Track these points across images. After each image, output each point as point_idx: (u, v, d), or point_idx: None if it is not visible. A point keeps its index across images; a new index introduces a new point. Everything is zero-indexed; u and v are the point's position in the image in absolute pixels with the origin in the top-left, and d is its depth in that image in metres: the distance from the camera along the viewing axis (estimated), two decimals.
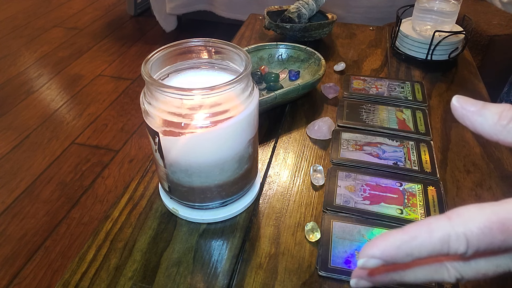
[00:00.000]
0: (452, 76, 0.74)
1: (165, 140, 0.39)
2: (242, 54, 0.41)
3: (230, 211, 0.45)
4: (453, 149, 0.56)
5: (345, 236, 0.43)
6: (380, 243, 0.22)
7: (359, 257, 0.23)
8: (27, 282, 1.09)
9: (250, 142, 0.42)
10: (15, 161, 1.50)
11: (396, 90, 0.67)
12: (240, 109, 0.38)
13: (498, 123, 0.24)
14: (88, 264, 0.41)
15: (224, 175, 0.42)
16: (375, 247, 0.22)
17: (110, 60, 2.17)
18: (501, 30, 1.25)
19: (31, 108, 1.80)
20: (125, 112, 1.77)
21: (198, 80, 0.44)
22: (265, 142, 0.58)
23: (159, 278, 0.40)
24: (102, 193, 1.37)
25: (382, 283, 0.26)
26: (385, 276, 0.25)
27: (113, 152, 1.55)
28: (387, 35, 0.88)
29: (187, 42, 0.42)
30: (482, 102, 0.25)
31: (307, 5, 0.82)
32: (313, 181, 0.50)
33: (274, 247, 0.43)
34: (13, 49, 2.28)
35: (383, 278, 0.26)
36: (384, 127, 0.59)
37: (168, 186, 0.44)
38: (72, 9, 2.79)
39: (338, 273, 0.39)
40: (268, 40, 0.86)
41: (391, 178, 0.50)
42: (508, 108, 0.24)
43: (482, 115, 0.25)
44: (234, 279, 0.40)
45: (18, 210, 1.30)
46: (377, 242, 0.22)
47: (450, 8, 0.75)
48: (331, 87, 0.67)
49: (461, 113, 0.26)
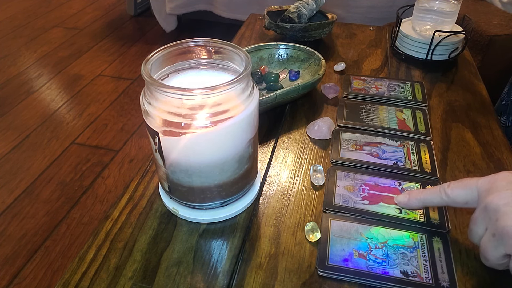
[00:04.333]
0: (452, 76, 0.74)
1: (165, 140, 0.39)
2: (242, 54, 0.41)
3: (230, 211, 0.45)
4: (453, 149, 0.56)
5: (343, 234, 0.43)
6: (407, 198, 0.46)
7: (396, 200, 0.47)
8: (27, 282, 1.09)
9: (250, 142, 0.42)
10: (15, 161, 1.50)
11: (396, 90, 0.67)
12: (240, 109, 0.38)
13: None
14: (88, 264, 0.41)
15: (224, 175, 0.42)
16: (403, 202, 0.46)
17: (110, 60, 2.16)
18: (501, 30, 1.25)
19: (31, 108, 1.80)
20: (125, 112, 1.77)
21: (198, 80, 0.44)
22: (265, 142, 0.58)
23: (159, 278, 0.40)
24: (102, 193, 1.37)
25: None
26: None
27: (113, 152, 1.55)
28: (387, 35, 0.88)
29: (187, 42, 0.42)
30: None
31: (307, 5, 0.82)
32: (313, 181, 0.50)
33: (274, 247, 0.43)
34: (13, 49, 2.28)
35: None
36: (384, 127, 0.59)
37: (168, 186, 0.44)
38: (72, 9, 2.79)
39: (336, 271, 0.39)
40: (268, 40, 0.86)
41: (390, 178, 0.50)
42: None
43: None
44: (234, 279, 0.40)
45: (18, 210, 1.30)
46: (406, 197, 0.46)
47: (450, 8, 0.75)
48: (331, 87, 0.67)
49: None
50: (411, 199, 0.45)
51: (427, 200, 0.43)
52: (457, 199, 0.40)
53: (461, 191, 0.40)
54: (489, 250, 0.36)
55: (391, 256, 0.41)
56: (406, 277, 0.39)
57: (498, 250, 0.35)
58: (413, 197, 0.44)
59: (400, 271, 0.40)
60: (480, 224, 0.37)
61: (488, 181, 0.38)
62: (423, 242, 0.42)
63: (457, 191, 0.40)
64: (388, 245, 0.42)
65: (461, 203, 0.40)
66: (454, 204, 0.41)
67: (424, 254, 0.41)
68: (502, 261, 0.36)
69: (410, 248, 0.42)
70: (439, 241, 0.43)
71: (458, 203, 0.40)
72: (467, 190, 0.39)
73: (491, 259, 0.37)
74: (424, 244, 0.42)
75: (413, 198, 0.44)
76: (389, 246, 0.42)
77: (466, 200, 0.40)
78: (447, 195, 0.41)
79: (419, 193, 0.44)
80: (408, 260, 0.41)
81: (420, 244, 0.42)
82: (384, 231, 0.44)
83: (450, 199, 0.40)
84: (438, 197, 0.41)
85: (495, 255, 0.36)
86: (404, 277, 0.39)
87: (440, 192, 0.41)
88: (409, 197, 0.45)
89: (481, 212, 0.37)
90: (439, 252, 0.41)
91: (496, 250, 0.36)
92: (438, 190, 0.41)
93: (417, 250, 0.42)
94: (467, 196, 0.39)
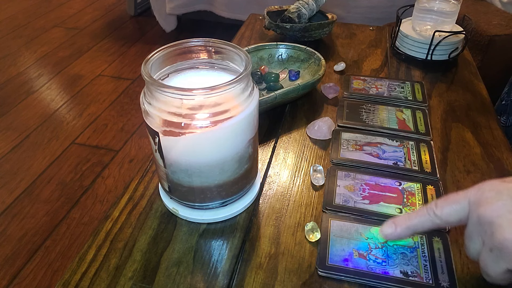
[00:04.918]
0: (452, 76, 0.74)
1: (165, 140, 0.39)
2: (242, 54, 0.41)
3: (230, 211, 0.45)
4: (453, 149, 0.56)
5: (343, 234, 0.43)
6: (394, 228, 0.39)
7: (380, 232, 0.40)
8: (27, 282, 1.09)
9: (250, 142, 0.42)
10: (15, 161, 1.50)
11: (396, 90, 0.67)
12: (240, 109, 0.38)
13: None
14: (88, 264, 0.41)
15: (224, 175, 0.42)
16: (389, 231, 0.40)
17: (110, 60, 2.16)
18: (501, 30, 1.25)
19: (31, 108, 1.80)
20: (125, 112, 1.77)
21: (198, 80, 0.44)
22: (265, 142, 0.58)
23: (159, 278, 0.40)
24: (102, 193, 1.37)
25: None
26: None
27: (113, 152, 1.55)
28: (387, 35, 0.88)
29: (187, 42, 0.42)
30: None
31: (307, 5, 0.82)
32: (313, 181, 0.50)
33: (274, 247, 0.43)
34: (13, 49, 2.28)
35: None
36: (384, 127, 0.59)
37: (168, 186, 0.44)
38: (72, 9, 2.79)
39: (336, 271, 0.39)
40: (268, 40, 0.86)
41: (390, 178, 0.50)
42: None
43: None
44: (234, 279, 0.40)
45: (18, 210, 1.30)
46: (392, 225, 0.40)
47: (450, 8, 0.75)
48: (331, 87, 0.67)
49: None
50: (398, 228, 0.39)
51: (417, 226, 0.38)
52: (449, 219, 0.37)
53: (451, 209, 0.37)
54: (490, 266, 0.35)
55: (391, 256, 0.41)
56: (406, 277, 0.39)
57: (499, 265, 0.34)
58: (400, 225, 0.39)
59: (400, 271, 0.40)
60: (476, 239, 0.36)
61: (475, 192, 0.36)
62: (423, 242, 0.43)
63: (447, 210, 0.37)
64: (388, 245, 0.42)
65: (454, 222, 0.37)
66: (447, 224, 0.38)
67: (424, 254, 0.41)
68: (504, 275, 0.34)
69: (410, 248, 0.42)
70: (439, 241, 0.43)
71: (452, 223, 0.37)
72: (458, 206, 0.36)
73: (493, 275, 0.35)
74: (424, 244, 0.42)
75: (400, 227, 0.39)
76: (389, 246, 0.42)
77: (459, 218, 0.36)
78: (437, 216, 0.37)
79: (406, 220, 0.39)
80: (408, 260, 0.41)
81: (420, 244, 0.42)
82: None
83: (442, 221, 0.37)
84: (428, 220, 0.37)
85: (496, 270, 0.34)
86: (404, 277, 0.39)
87: (429, 214, 0.37)
88: (396, 226, 0.39)
89: (475, 226, 0.35)
90: (439, 252, 0.41)
91: (497, 265, 0.34)
92: (426, 213, 0.37)
93: (417, 250, 0.42)
94: (460, 214, 0.36)
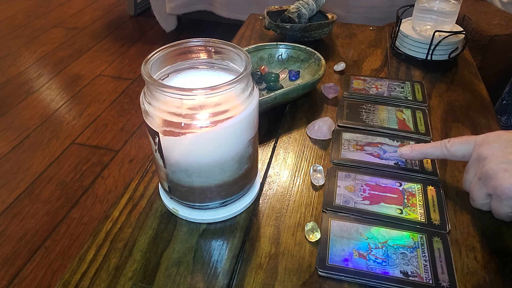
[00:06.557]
0: (452, 76, 0.74)
1: (165, 140, 0.39)
2: (242, 54, 0.41)
3: (230, 211, 0.45)
4: None
5: (343, 234, 0.43)
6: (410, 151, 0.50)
7: (399, 151, 0.51)
8: (27, 282, 1.09)
9: (250, 142, 0.42)
10: (15, 161, 1.50)
11: (396, 90, 0.67)
12: (240, 109, 0.38)
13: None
14: (88, 264, 0.41)
15: (224, 175, 0.42)
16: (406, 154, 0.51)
17: (110, 60, 2.17)
18: (501, 30, 1.25)
19: (31, 108, 1.80)
20: (125, 112, 1.77)
21: (198, 80, 0.44)
22: (265, 142, 0.58)
23: (159, 278, 0.40)
24: (102, 193, 1.37)
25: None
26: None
27: (113, 152, 1.55)
28: (387, 35, 0.88)
29: (187, 42, 0.42)
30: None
31: (307, 5, 0.82)
32: (313, 181, 0.50)
33: (274, 247, 0.43)
34: (13, 49, 2.28)
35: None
36: (384, 127, 0.59)
37: (168, 186, 0.44)
38: (72, 9, 2.79)
39: (336, 271, 0.39)
40: (268, 40, 0.86)
41: (391, 178, 0.50)
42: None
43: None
44: (234, 279, 0.40)
45: (18, 210, 1.30)
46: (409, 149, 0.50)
47: (450, 8, 0.75)
48: (331, 87, 0.67)
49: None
50: (413, 151, 0.49)
51: (429, 153, 0.48)
52: (456, 153, 0.45)
53: (460, 146, 0.45)
54: (475, 192, 0.43)
55: (391, 256, 0.41)
56: (406, 277, 0.39)
57: (482, 190, 0.42)
58: (415, 150, 0.49)
59: (400, 271, 0.40)
60: (471, 172, 0.44)
61: (482, 137, 0.44)
62: (423, 242, 0.42)
63: (456, 146, 0.45)
64: (388, 245, 0.42)
65: (459, 156, 0.45)
66: (453, 157, 0.46)
67: (424, 254, 0.41)
68: (485, 200, 0.42)
69: (410, 248, 0.42)
70: (439, 241, 0.43)
71: (456, 157, 0.46)
72: (466, 145, 0.45)
73: (476, 199, 0.43)
74: (424, 244, 0.42)
75: (415, 151, 0.49)
76: (389, 246, 0.42)
77: (463, 154, 0.45)
78: (447, 149, 0.46)
79: (422, 147, 0.49)
80: (408, 260, 0.41)
81: (420, 244, 0.42)
82: (384, 231, 0.44)
83: (449, 153, 0.46)
84: (439, 150, 0.46)
85: (479, 195, 0.42)
86: (404, 277, 0.39)
87: (441, 146, 0.46)
88: (412, 149, 0.49)
89: (473, 162, 0.43)
90: (439, 252, 0.41)
91: (480, 190, 0.42)
92: (440, 145, 0.47)
93: (417, 250, 0.42)
94: (465, 151, 0.45)
